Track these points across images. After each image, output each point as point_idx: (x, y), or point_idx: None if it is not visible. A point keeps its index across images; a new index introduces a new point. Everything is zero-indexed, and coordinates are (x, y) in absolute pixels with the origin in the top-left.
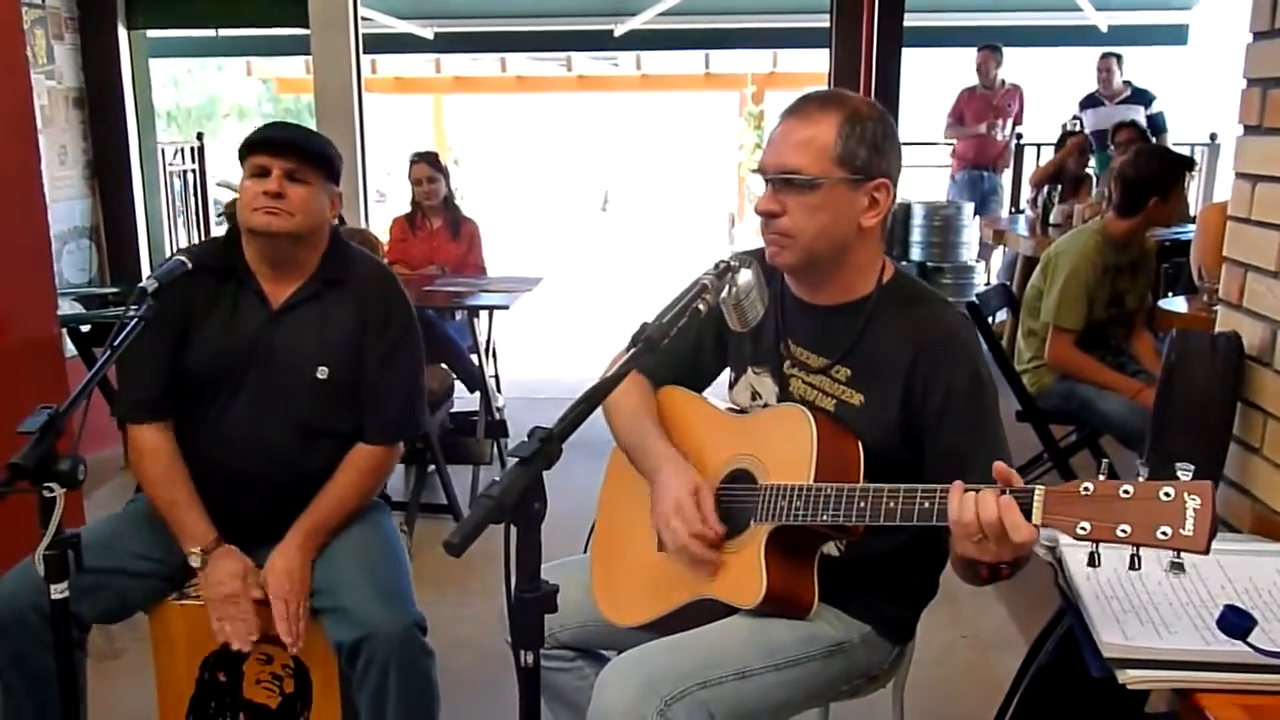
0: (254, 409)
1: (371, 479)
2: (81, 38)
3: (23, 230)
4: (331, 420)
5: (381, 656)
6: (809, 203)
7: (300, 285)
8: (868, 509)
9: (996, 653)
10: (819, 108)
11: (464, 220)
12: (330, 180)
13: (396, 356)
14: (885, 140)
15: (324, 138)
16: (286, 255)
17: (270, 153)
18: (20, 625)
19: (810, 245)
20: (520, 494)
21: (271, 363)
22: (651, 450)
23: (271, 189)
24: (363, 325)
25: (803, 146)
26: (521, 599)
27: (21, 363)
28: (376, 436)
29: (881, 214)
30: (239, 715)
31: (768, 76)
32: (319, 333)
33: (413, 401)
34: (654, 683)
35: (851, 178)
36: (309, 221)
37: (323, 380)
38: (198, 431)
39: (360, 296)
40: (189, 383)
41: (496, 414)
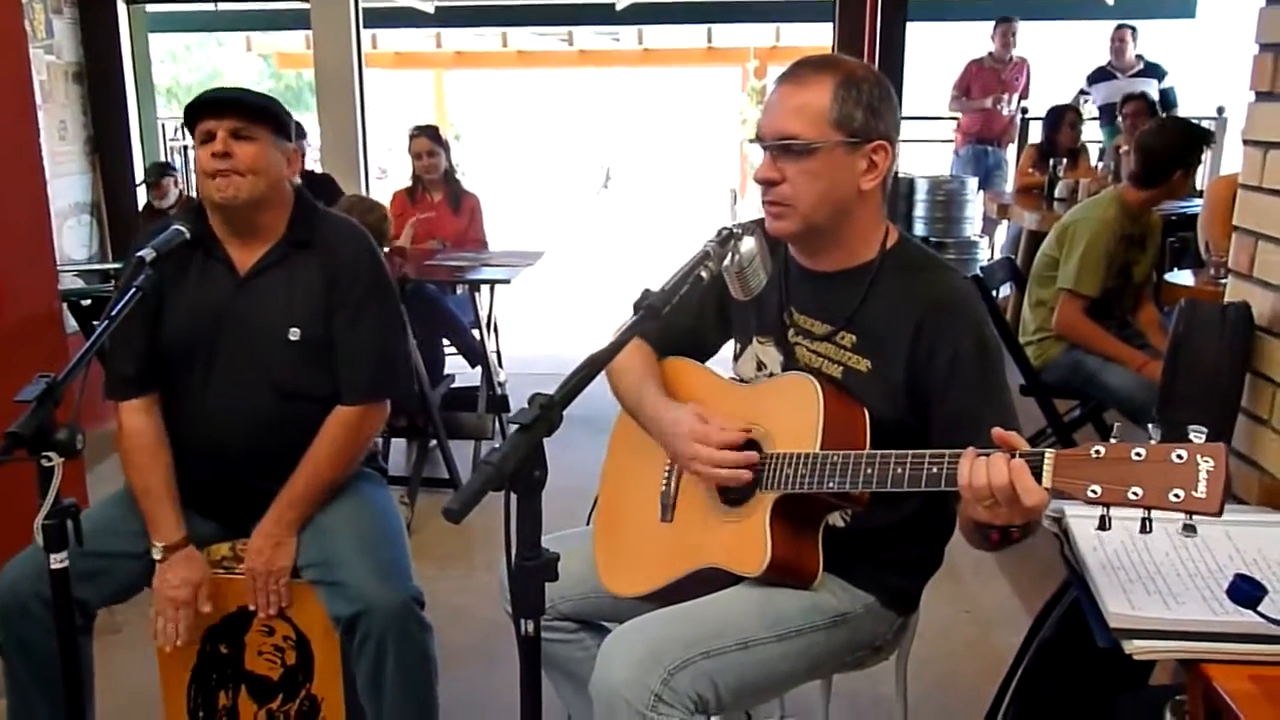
0: (230, 378)
1: (349, 443)
2: (80, 12)
3: (22, 206)
4: (308, 383)
5: (379, 631)
6: (807, 168)
7: (267, 250)
8: (874, 475)
9: (999, 628)
10: (813, 72)
11: (465, 194)
12: (282, 137)
13: (365, 314)
14: (882, 102)
15: (266, 95)
16: (249, 221)
17: (213, 114)
18: (23, 613)
19: (810, 211)
20: (521, 461)
21: (242, 329)
22: (649, 401)
23: (218, 149)
24: (331, 284)
25: (799, 111)
26: (522, 567)
27: (22, 338)
28: (350, 397)
29: (880, 176)
30: (241, 686)
31: (770, 50)
32: (288, 294)
33: (387, 361)
34: (657, 653)
35: (849, 140)
36: (262, 180)
37: (295, 342)
38: (179, 406)
39: (328, 255)
40: (165, 357)
41: (498, 389)
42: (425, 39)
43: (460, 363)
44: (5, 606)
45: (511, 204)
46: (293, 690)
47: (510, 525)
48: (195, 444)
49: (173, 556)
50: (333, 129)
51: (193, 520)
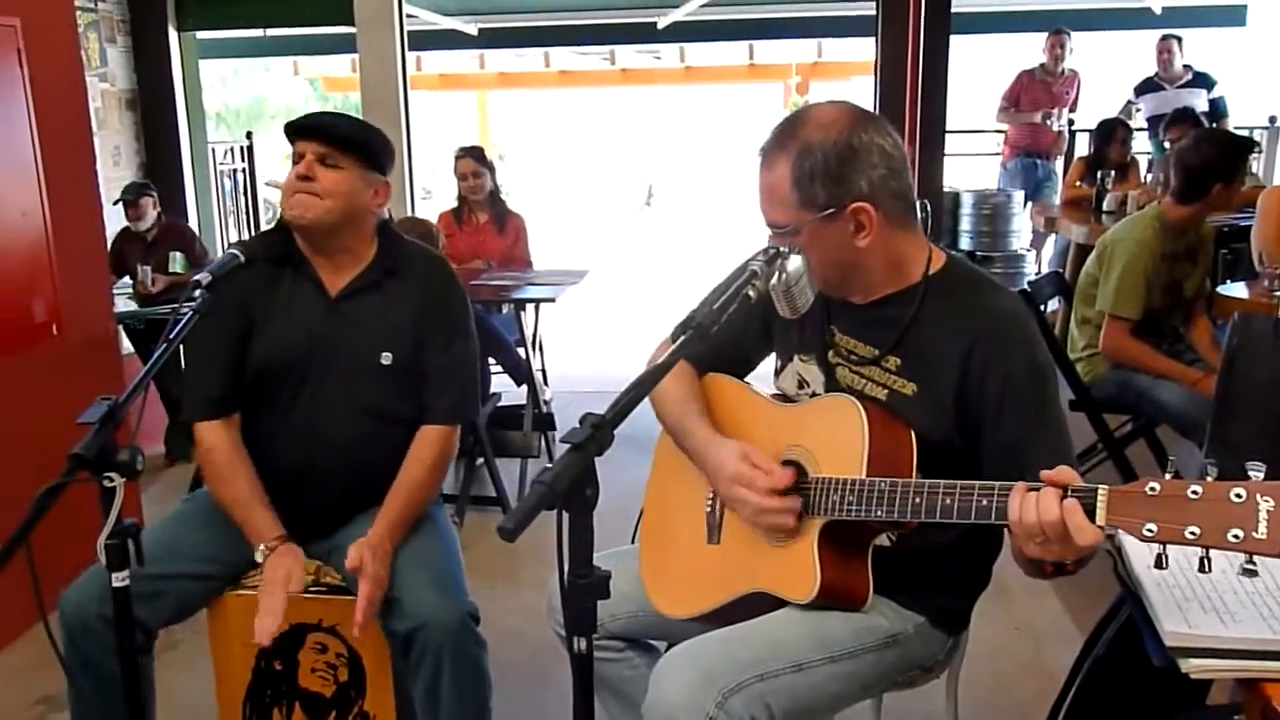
0: (320, 399)
1: (441, 463)
2: (133, 40)
3: (80, 231)
4: (396, 406)
5: (435, 646)
6: (801, 243)
7: (359, 274)
8: (923, 505)
9: (1051, 646)
10: (775, 150)
11: (510, 214)
12: (370, 168)
13: (454, 341)
14: (845, 164)
15: (366, 125)
16: (332, 244)
17: (304, 137)
18: (87, 632)
19: (823, 275)
20: (573, 480)
21: (334, 352)
22: (693, 432)
23: (301, 172)
24: (422, 311)
25: (769, 197)
26: (574, 585)
27: (80, 359)
28: (440, 418)
29: (872, 232)
30: (294, 704)
31: (813, 66)
32: (382, 320)
33: (471, 385)
34: (711, 675)
35: (821, 216)
36: (338, 206)
37: (387, 366)
38: (268, 425)
39: (419, 284)
40: (255, 376)
41: (544, 407)
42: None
43: (506, 381)
44: (70, 625)
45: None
46: (346, 707)
47: (563, 544)
48: (278, 462)
49: (276, 551)
50: None
51: None
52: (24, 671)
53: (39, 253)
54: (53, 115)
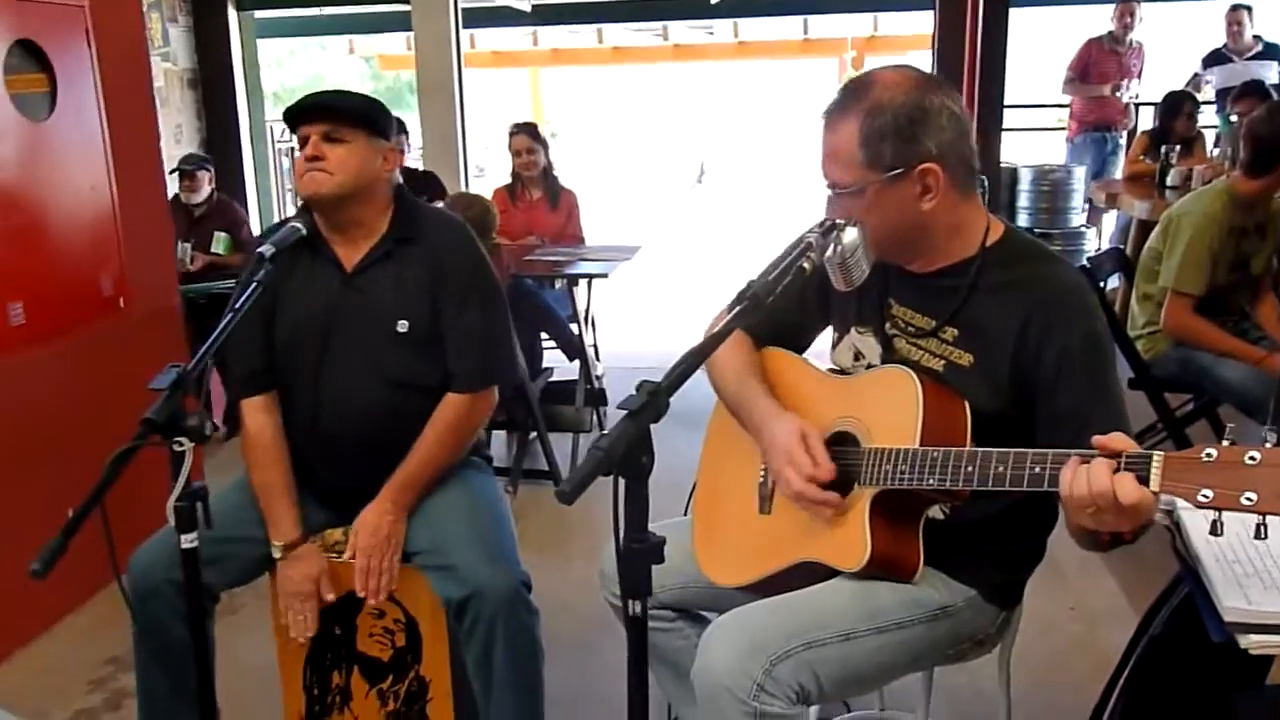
0: (342, 371)
1: (458, 430)
2: (194, 20)
3: (146, 207)
4: (417, 374)
5: (488, 614)
6: (861, 205)
7: (372, 246)
8: (975, 473)
9: (1105, 626)
10: (840, 111)
11: (563, 191)
12: (377, 136)
13: (469, 303)
14: (915, 124)
15: (364, 96)
16: (347, 217)
17: (305, 120)
18: (154, 594)
19: (884, 240)
20: (629, 446)
21: (352, 324)
22: (756, 405)
23: (309, 153)
24: (436, 276)
25: (833, 157)
26: (630, 550)
27: (144, 332)
28: (458, 385)
29: (939, 194)
30: (353, 667)
31: (868, 40)
32: (395, 288)
33: (493, 349)
34: (760, 642)
35: (887, 176)
36: (352, 179)
37: (403, 334)
38: (294, 398)
39: (431, 249)
40: (280, 352)
41: (596, 382)
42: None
43: (558, 357)
44: (138, 587)
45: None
46: (402, 671)
47: (618, 509)
48: (310, 435)
49: (291, 554)
50: (433, 128)
51: (308, 507)
52: (93, 632)
53: (106, 227)
54: (119, 93)
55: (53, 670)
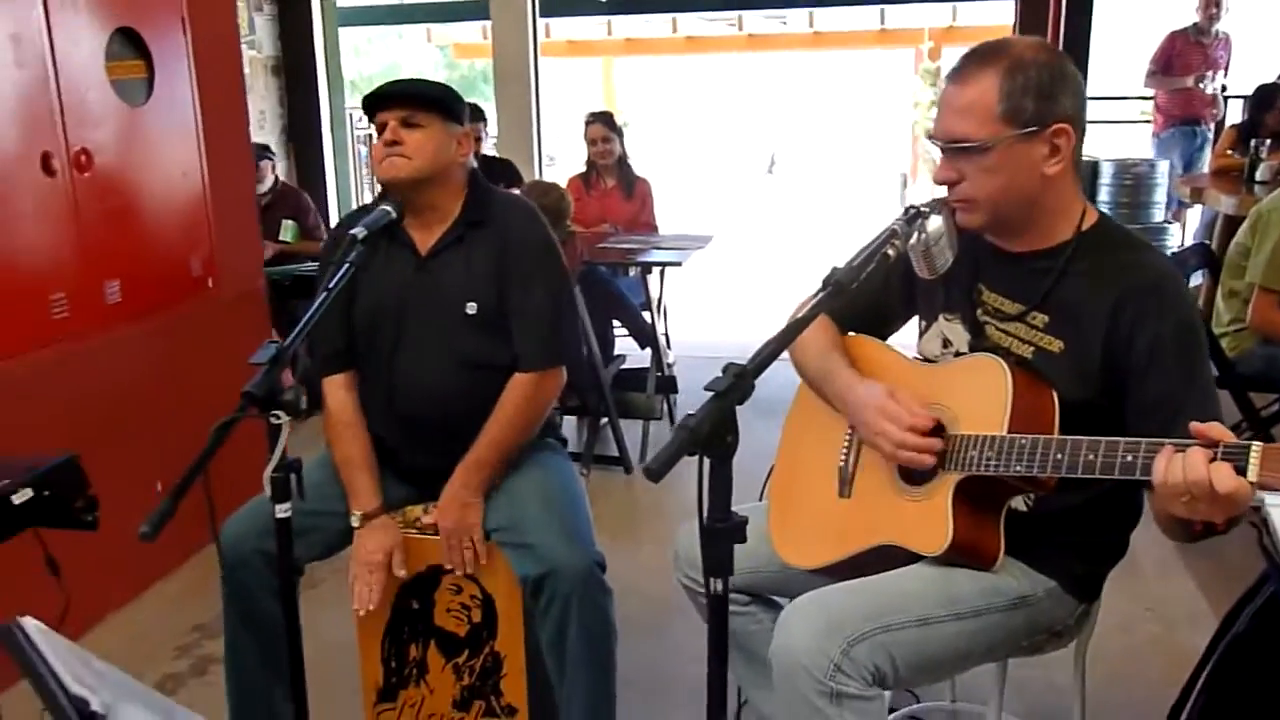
0: (417, 352)
1: (527, 409)
2: (279, 8)
3: (235, 190)
4: (489, 354)
5: (564, 592)
6: (985, 165)
7: (445, 230)
8: (1064, 460)
9: (1183, 626)
10: (977, 66)
11: (637, 179)
12: (451, 121)
13: (534, 284)
14: (1055, 82)
15: (436, 83)
16: (423, 201)
17: (383, 107)
18: (244, 564)
19: (994, 206)
20: (715, 425)
21: (425, 306)
22: (839, 376)
23: (388, 138)
24: (502, 257)
25: (966, 111)
26: (713, 529)
27: (231, 312)
28: (526, 364)
29: (1065, 159)
30: (430, 641)
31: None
32: (465, 271)
33: (558, 328)
34: (837, 623)
35: (1022, 132)
36: (428, 162)
37: (472, 315)
38: (373, 378)
39: (499, 232)
40: (358, 335)
41: (666, 370)
42: (596, 26)
43: (629, 344)
44: (228, 557)
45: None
46: (478, 646)
47: (703, 488)
48: (388, 414)
49: (369, 524)
50: (509, 116)
51: (389, 484)
52: (180, 599)
53: (197, 210)
54: (212, 80)
55: (141, 636)
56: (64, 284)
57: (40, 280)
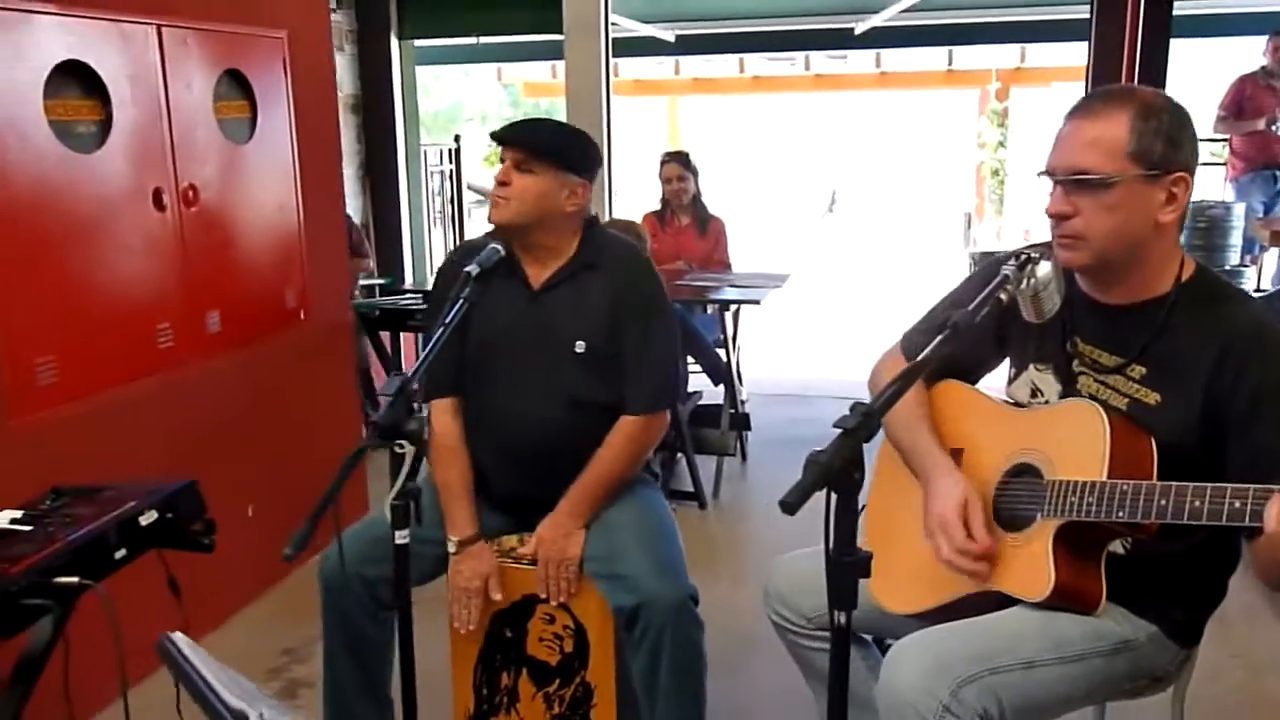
0: (525, 385)
1: (633, 449)
2: (360, 48)
3: (326, 225)
4: (594, 393)
5: (657, 624)
6: (1103, 202)
7: (559, 268)
8: (1169, 506)
9: (1271, 674)
10: (1106, 104)
11: (711, 218)
12: (566, 171)
13: (650, 331)
14: (1181, 131)
15: (565, 132)
16: (530, 241)
17: (506, 146)
18: (344, 589)
19: (1104, 245)
20: (845, 461)
21: (534, 340)
22: (923, 452)
23: (499, 177)
24: (616, 302)
25: (1093, 145)
26: (840, 562)
27: (321, 343)
28: (635, 406)
29: (1180, 209)
30: (522, 669)
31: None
32: (576, 310)
33: (668, 374)
34: (945, 664)
35: (1147, 173)
36: (530, 209)
37: (580, 354)
38: (480, 407)
39: (613, 277)
40: (471, 362)
41: (740, 407)
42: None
43: (702, 380)
44: (329, 580)
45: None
46: (569, 676)
47: (831, 521)
48: (492, 444)
49: (465, 550)
50: None
51: (484, 513)
52: (269, 624)
53: (292, 244)
54: (308, 119)
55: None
56: (169, 314)
57: (148, 310)
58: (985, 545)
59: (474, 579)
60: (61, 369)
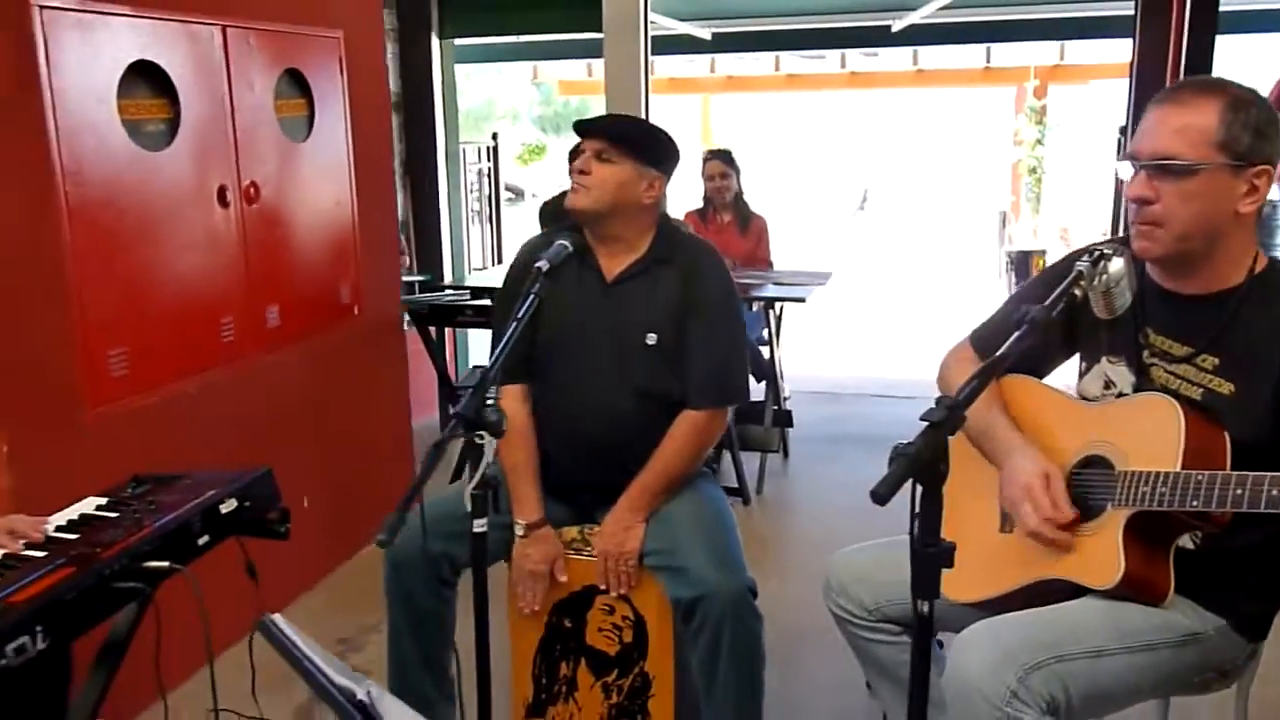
0: (595, 375)
1: (696, 443)
2: (400, 47)
3: (379, 222)
4: (662, 385)
5: (716, 616)
6: (1185, 189)
7: (633, 261)
8: (1245, 495)
9: None
10: (1197, 94)
11: (753, 216)
12: (645, 163)
13: (717, 327)
14: (1269, 125)
15: (645, 125)
16: (607, 232)
17: (587, 135)
18: (410, 569)
19: (1182, 233)
20: (932, 453)
21: (607, 332)
22: (1000, 437)
23: (579, 166)
24: (688, 297)
25: (1181, 132)
26: (923, 553)
27: (373, 338)
28: (699, 401)
29: (1259, 201)
30: (581, 659)
31: (1052, 69)
32: (648, 303)
33: (734, 371)
34: (1014, 652)
35: (1233, 163)
36: (608, 198)
37: (651, 346)
38: (549, 396)
39: (685, 272)
40: (538, 350)
41: (783, 404)
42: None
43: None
44: (395, 559)
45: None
46: (627, 666)
47: (915, 511)
48: (559, 432)
49: (533, 534)
50: None
51: (547, 503)
52: (324, 613)
53: (346, 241)
54: (363, 116)
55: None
56: (232, 309)
57: (213, 305)
58: (1070, 515)
59: (541, 563)
60: (133, 361)
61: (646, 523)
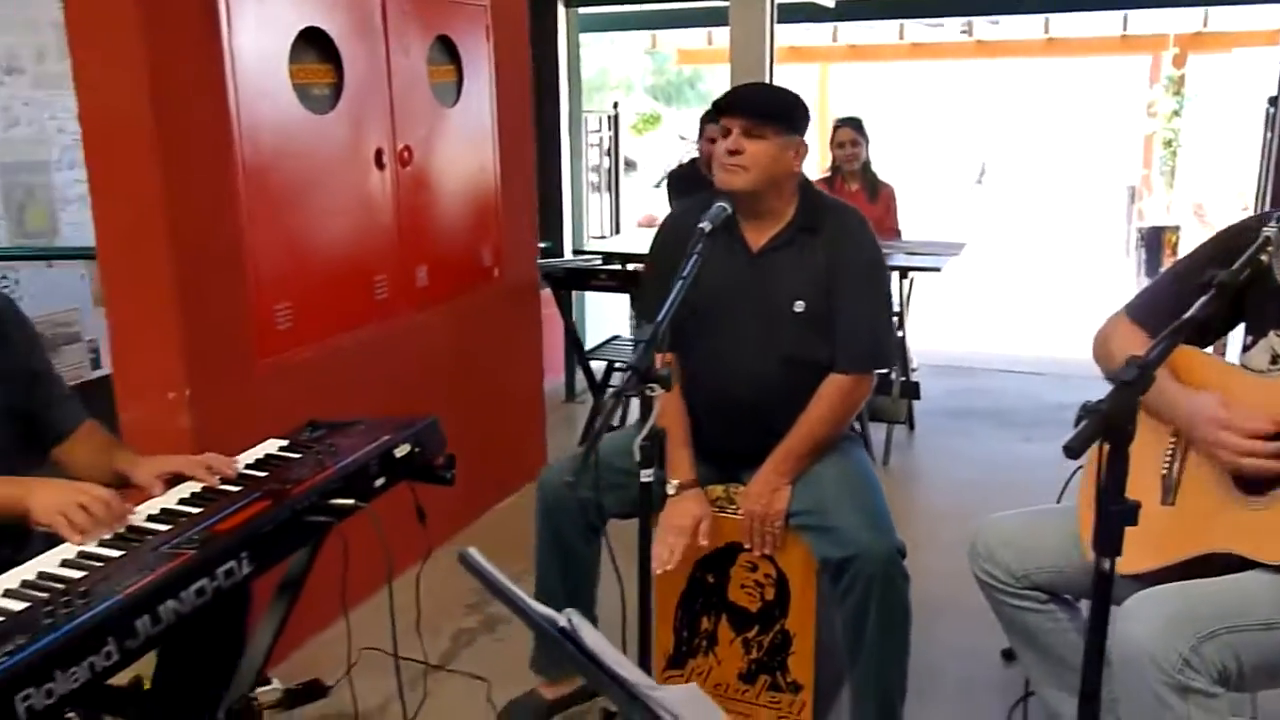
0: (743, 342)
1: (841, 407)
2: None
3: (519, 186)
4: (808, 351)
5: (865, 576)
6: None
7: (778, 231)
8: None
9: None
10: None
11: (881, 185)
12: (789, 132)
13: (865, 292)
14: None
15: (781, 92)
16: (759, 207)
17: (729, 114)
18: (561, 508)
19: None
20: (1124, 412)
21: (753, 300)
22: (1166, 388)
23: (730, 147)
24: (835, 263)
25: None
26: (1109, 510)
27: (511, 300)
28: (846, 366)
29: None
30: (722, 615)
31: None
32: (795, 271)
33: (881, 336)
34: (1186, 619)
35: None
36: (763, 174)
37: (799, 313)
38: (698, 362)
39: (833, 239)
40: (686, 318)
41: (910, 375)
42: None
43: None
44: (547, 498)
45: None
46: (768, 623)
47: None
48: (708, 396)
49: (685, 493)
50: None
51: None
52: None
53: (490, 204)
54: (506, 84)
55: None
56: (385, 268)
57: (369, 263)
58: (1269, 420)
59: (686, 518)
60: (296, 316)
61: (793, 485)
